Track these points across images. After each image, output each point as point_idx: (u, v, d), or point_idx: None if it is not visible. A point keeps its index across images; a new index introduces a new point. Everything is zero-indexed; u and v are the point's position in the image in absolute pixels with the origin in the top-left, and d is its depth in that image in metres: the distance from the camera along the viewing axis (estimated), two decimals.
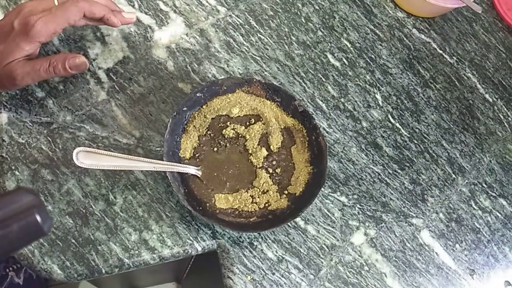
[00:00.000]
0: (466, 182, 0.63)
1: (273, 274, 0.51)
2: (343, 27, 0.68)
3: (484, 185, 0.63)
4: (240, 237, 0.52)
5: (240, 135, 0.55)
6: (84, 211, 0.49)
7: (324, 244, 0.54)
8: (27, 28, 0.45)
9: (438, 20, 0.73)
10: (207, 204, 0.51)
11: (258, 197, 0.52)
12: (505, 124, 0.68)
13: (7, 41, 0.45)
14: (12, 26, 0.45)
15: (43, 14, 0.45)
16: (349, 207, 0.57)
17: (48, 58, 0.48)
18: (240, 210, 0.52)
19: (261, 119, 0.56)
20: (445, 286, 0.56)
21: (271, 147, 0.55)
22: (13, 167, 0.49)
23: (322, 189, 0.55)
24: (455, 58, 0.71)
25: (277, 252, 0.52)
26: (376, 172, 0.59)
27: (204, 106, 0.54)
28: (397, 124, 0.63)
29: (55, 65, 0.48)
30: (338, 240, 0.55)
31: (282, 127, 0.56)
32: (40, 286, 0.74)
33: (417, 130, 0.64)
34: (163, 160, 0.49)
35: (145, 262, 0.49)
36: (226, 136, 0.54)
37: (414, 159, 0.62)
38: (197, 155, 0.53)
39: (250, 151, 0.54)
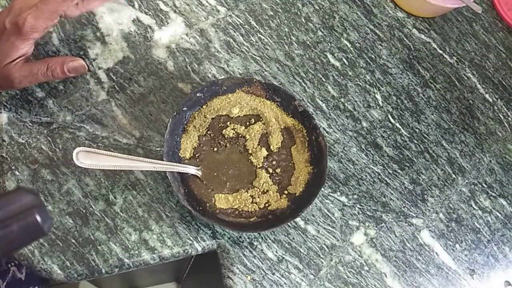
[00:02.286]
0: (466, 182, 0.63)
1: (273, 274, 0.51)
2: (343, 27, 0.68)
3: (484, 185, 0.63)
4: (240, 237, 0.52)
5: (240, 135, 0.55)
6: (84, 211, 0.49)
7: (324, 244, 0.54)
8: (19, 27, 0.44)
9: (438, 20, 0.73)
10: (207, 204, 0.51)
11: (258, 197, 0.52)
12: (505, 124, 0.68)
13: (1, 42, 0.45)
14: (4, 26, 0.45)
15: (32, 10, 0.44)
16: (349, 207, 0.57)
17: (46, 61, 0.48)
18: (240, 210, 0.52)
19: (261, 119, 0.56)
20: (445, 286, 0.56)
21: (271, 147, 0.55)
22: (13, 167, 0.49)
23: (322, 189, 0.55)
24: (455, 58, 0.71)
25: (277, 252, 0.52)
26: (376, 172, 0.59)
27: (204, 106, 0.54)
28: (397, 124, 0.63)
29: (53, 69, 0.48)
30: (338, 240, 0.55)
31: (282, 127, 0.56)
32: (42, 281, 0.74)
33: (417, 130, 0.64)
34: (163, 160, 0.49)
35: (145, 262, 0.49)
36: (226, 136, 0.54)
37: (414, 159, 0.62)
38: (197, 155, 0.53)
39: (250, 151, 0.54)
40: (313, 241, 0.54)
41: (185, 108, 0.53)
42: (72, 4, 0.47)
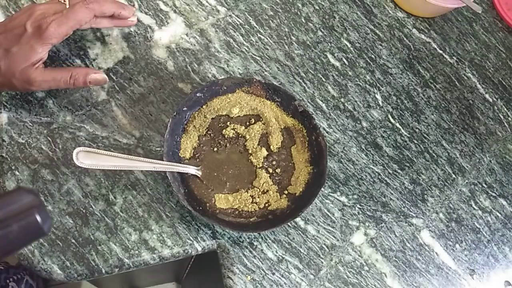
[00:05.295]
0: (466, 182, 0.63)
1: (273, 274, 0.51)
2: (343, 27, 0.68)
3: (484, 185, 0.63)
4: (240, 237, 0.52)
5: (240, 135, 0.55)
6: (84, 211, 0.49)
7: (324, 244, 0.54)
8: (41, 31, 0.45)
9: (438, 20, 0.73)
10: (207, 204, 0.51)
11: (258, 197, 0.52)
12: (505, 124, 0.68)
13: (20, 43, 0.46)
14: (24, 28, 0.46)
15: (56, 17, 0.46)
16: (349, 207, 0.57)
17: (70, 70, 0.50)
18: (240, 210, 0.52)
19: (261, 119, 0.56)
20: (445, 286, 0.56)
21: (271, 147, 0.55)
22: (13, 167, 0.49)
23: (322, 189, 0.55)
24: (455, 58, 0.71)
25: (277, 252, 0.52)
26: (376, 172, 0.59)
27: (204, 106, 0.54)
28: (397, 124, 0.63)
29: (76, 78, 0.49)
30: (338, 240, 0.55)
31: (282, 127, 0.56)
32: None
33: (417, 130, 0.64)
34: (163, 160, 0.49)
35: (145, 262, 0.49)
36: (226, 136, 0.54)
37: (414, 159, 0.62)
38: (197, 155, 0.53)
39: (250, 151, 0.54)
40: (313, 241, 0.54)
41: (185, 108, 0.53)
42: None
